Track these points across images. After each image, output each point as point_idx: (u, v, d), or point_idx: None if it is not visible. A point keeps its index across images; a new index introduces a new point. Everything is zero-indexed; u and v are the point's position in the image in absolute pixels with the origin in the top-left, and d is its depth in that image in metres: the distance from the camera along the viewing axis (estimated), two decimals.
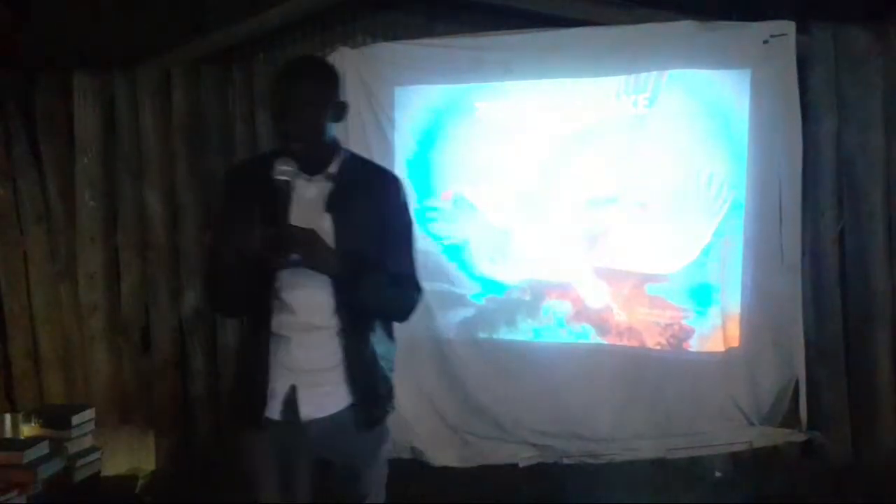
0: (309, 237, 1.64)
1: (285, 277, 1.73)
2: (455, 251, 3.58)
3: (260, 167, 1.71)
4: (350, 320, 1.77)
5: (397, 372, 1.95)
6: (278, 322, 1.77)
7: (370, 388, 1.82)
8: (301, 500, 1.85)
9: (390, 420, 1.93)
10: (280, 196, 1.66)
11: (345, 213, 1.72)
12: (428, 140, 3.55)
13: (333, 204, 1.73)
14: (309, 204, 1.73)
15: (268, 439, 1.80)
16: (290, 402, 1.77)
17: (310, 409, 1.77)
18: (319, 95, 1.70)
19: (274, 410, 1.78)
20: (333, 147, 1.78)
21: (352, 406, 1.80)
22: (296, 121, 1.67)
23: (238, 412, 1.87)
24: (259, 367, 1.78)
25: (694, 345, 3.41)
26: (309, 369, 1.78)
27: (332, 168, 1.75)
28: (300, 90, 1.68)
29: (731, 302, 3.36)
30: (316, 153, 1.73)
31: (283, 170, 1.66)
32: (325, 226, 1.70)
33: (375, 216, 1.76)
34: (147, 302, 3.78)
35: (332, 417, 1.79)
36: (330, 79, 1.76)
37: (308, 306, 1.75)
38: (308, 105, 1.68)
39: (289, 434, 1.79)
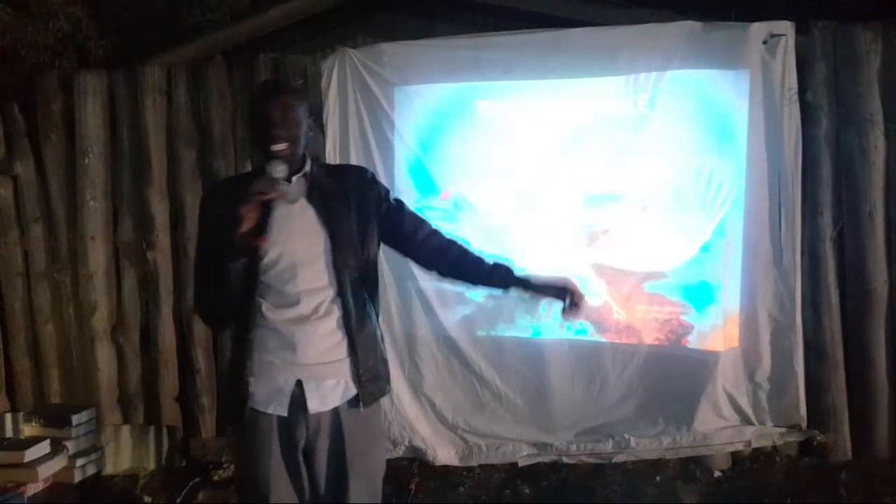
0: None
1: (279, 272, 1.89)
2: None
3: (238, 185, 1.92)
4: (349, 303, 1.93)
5: (396, 371, 1.98)
6: (277, 316, 1.90)
7: (375, 372, 1.99)
8: (310, 488, 1.96)
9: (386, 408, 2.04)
10: (274, 183, 1.83)
11: (322, 203, 1.96)
12: (428, 140, 3.55)
13: (313, 196, 1.96)
14: (293, 198, 1.95)
15: (277, 434, 1.91)
16: (297, 397, 1.90)
17: (317, 402, 1.91)
18: (300, 107, 1.97)
19: (281, 406, 1.90)
20: (304, 154, 2.01)
21: (356, 395, 1.94)
22: (283, 127, 1.90)
23: (228, 410, 1.98)
24: (245, 365, 1.92)
25: (693, 342, 3.42)
26: (314, 363, 1.91)
27: (307, 169, 2.00)
28: (287, 102, 1.94)
29: (731, 301, 3.36)
30: (296, 156, 1.95)
31: (278, 168, 1.86)
32: (308, 214, 1.93)
33: (352, 199, 1.99)
34: (147, 302, 3.78)
35: (338, 407, 1.93)
36: (303, 97, 2.07)
37: (309, 295, 1.90)
38: (293, 113, 1.93)
39: (295, 427, 1.91)
